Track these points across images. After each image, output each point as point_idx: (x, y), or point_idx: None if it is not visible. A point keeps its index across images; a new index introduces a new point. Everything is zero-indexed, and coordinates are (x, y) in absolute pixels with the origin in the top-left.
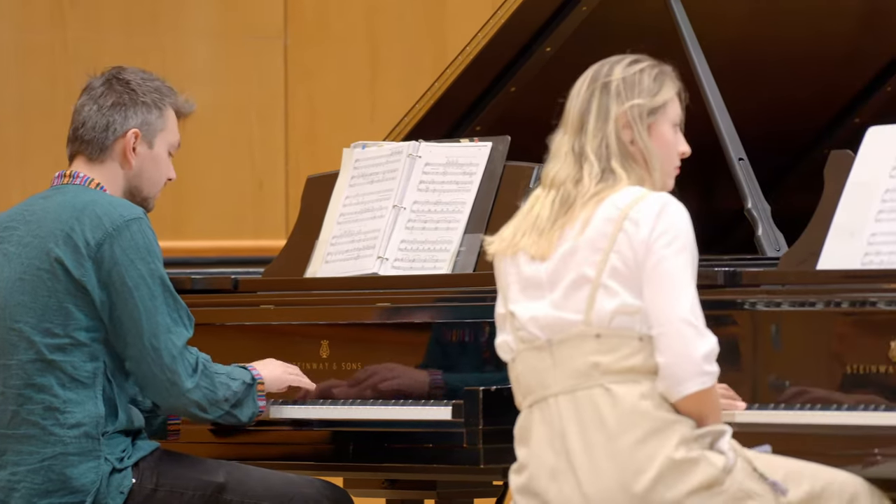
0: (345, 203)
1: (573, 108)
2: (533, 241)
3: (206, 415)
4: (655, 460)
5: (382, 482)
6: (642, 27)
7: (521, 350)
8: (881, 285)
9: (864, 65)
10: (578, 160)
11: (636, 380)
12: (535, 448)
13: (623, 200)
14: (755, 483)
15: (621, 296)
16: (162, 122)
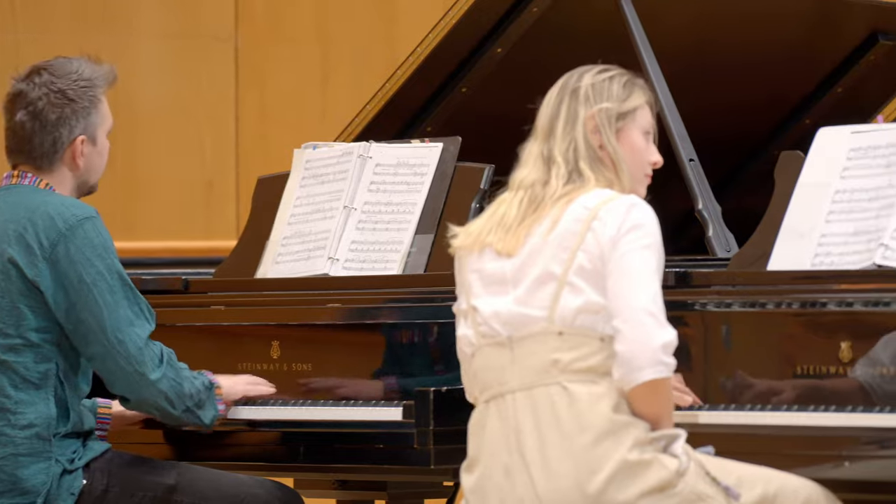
0: (295, 204)
1: (543, 115)
2: (499, 237)
3: (174, 410)
4: (609, 461)
5: (333, 483)
6: (593, 29)
7: (482, 345)
8: (831, 286)
9: (815, 66)
10: (547, 164)
11: (594, 380)
12: (489, 444)
13: (592, 201)
14: (708, 486)
15: (586, 293)
16: (100, 116)
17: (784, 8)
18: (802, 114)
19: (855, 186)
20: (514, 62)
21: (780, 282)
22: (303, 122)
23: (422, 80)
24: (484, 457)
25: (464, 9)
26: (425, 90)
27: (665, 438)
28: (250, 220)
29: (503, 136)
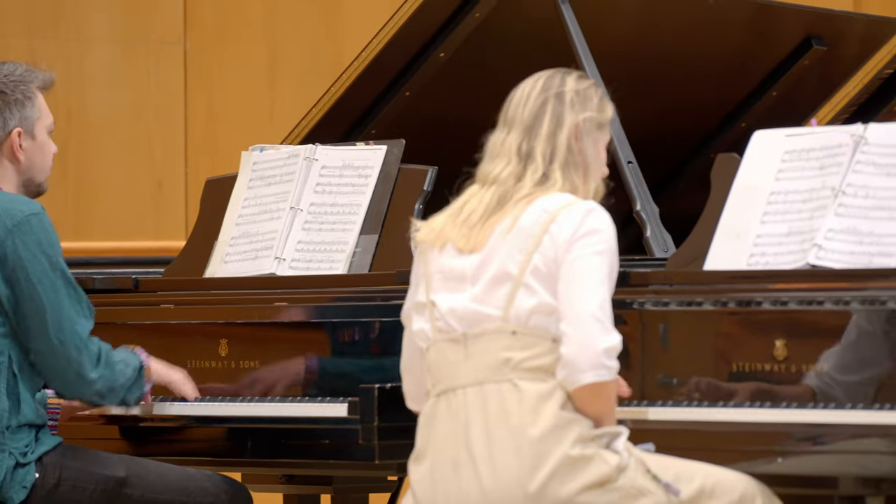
0: (243, 205)
1: (524, 111)
2: (462, 234)
3: (104, 401)
4: (552, 457)
5: (280, 477)
6: (534, 34)
7: (437, 340)
8: (766, 285)
9: (751, 71)
10: (524, 160)
11: (543, 379)
12: (437, 437)
13: (552, 204)
14: (648, 481)
15: (540, 295)
16: (36, 111)
17: (721, 14)
18: (738, 117)
19: (789, 188)
20: (457, 66)
21: (717, 281)
22: (251, 125)
23: (367, 84)
24: (432, 449)
25: (407, 14)
26: (370, 94)
27: (607, 435)
28: (199, 221)
29: (446, 138)
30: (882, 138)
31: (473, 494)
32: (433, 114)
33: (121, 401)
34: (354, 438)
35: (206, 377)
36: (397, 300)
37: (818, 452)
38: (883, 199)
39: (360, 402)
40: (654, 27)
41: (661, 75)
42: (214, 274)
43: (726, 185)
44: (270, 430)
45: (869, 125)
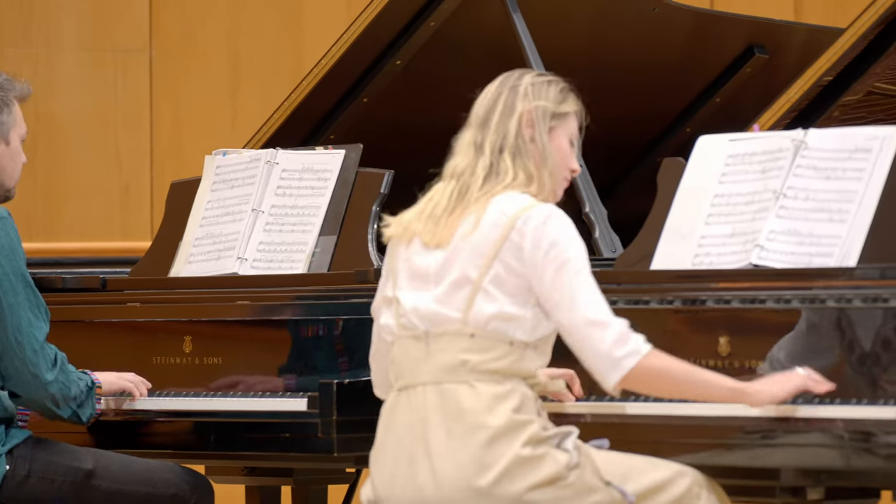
0: (207, 207)
1: (480, 106)
2: (428, 229)
3: (59, 410)
4: (504, 457)
5: (242, 469)
6: (487, 42)
7: (401, 336)
8: (710, 284)
9: (695, 78)
10: (477, 151)
11: (500, 381)
12: (396, 432)
13: (511, 208)
14: (598, 479)
15: (500, 302)
16: (12, 118)
17: (667, 24)
18: (683, 123)
19: (732, 191)
20: (413, 73)
21: (663, 280)
22: (214, 131)
23: (326, 91)
24: (391, 443)
25: (365, 23)
26: (329, 100)
27: (559, 436)
28: (164, 223)
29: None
30: (821, 143)
31: (428, 489)
32: (390, 119)
33: (73, 414)
34: (314, 432)
35: (170, 373)
36: (355, 298)
37: (761, 445)
38: (822, 202)
39: (320, 396)
40: (603, 36)
41: (610, 82)
42: (179, 274)
43: (672, 188)
44: (232, 424)
45: (809, 130)
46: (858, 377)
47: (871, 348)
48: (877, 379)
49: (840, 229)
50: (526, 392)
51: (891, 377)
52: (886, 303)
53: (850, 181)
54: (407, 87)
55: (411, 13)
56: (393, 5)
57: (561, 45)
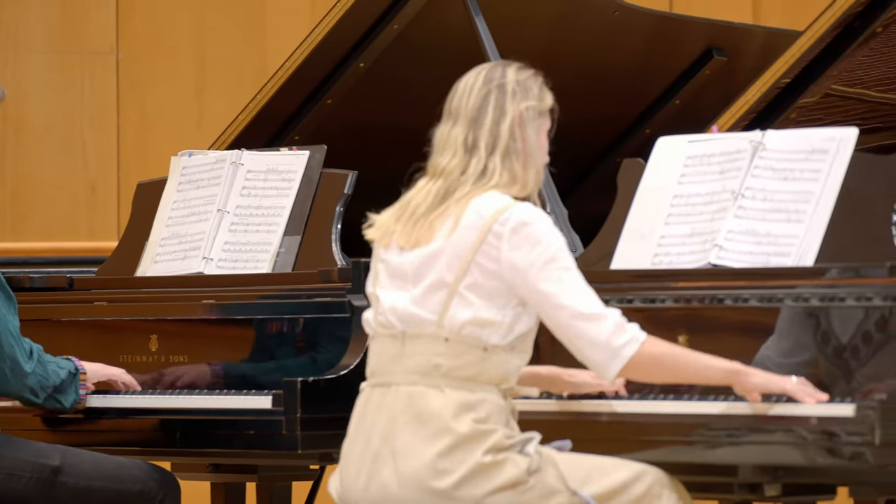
0: (173, 207)
1: (468, 103)
2: (406, 230)
3: (37, 399)
4: (465, 464)
5: (208, 466)
6: (449, 45)
7: (379, 333)
8: (669, 284)
9: (655, 80)
10: (470, 152)
11: (471, 389)
12: (366, 427)
13: (487, 209)
14: (560, 483)
15: (475, 307)
16: None
17: (627, 27)
18: (643, 124)
19: (691, 191)
20: (376, 76)
21: (623, 280)
22: (180, 132)
23: (290, 93)
24: (361, 438)
25: (329, 26)
26: (293, 102)
27: (521, 442)
28: (131, 222)
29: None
30: (779, 144)
31: (391, 488)
32: (353, 121)
33: (56, 403)
34: (278, 429)
35: (137, 371)
36: (319, 298)
37: (720, 443)
38: (779, 202)
39: (284, 394)
40: (564, 39)
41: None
42: (145, 273)
43: (632, 188)
44: (198, 422)
45: (767, 132)
46: (813, 376)
47: (829, 347)
48: (831, 377)
49: (797, 229)
50: (496, 402)
51: (844, 375)
52: (843, 302)
53: (808, 182)
54: (370, 89)
55: (374, 16)
56: (356, 8)
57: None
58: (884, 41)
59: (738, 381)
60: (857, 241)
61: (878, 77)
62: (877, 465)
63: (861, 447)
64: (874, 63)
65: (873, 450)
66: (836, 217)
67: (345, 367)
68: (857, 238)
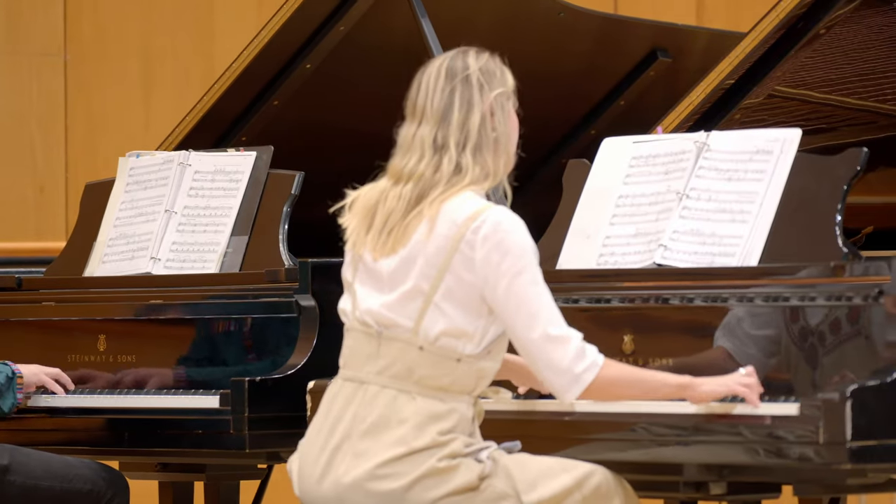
0: (120, 208)
1: (433, 102)
2: (382, 240)
3: None
4: (421, 467)
5: (156, 465)
6: (396, 46)
7: (355, 327)
8: (615, 284)
9: (600, 81)
10: (440, 151)
11: (442, 399)
12: (331, 420)
13: (460, 215)
14: (510, 488)
15: (450, 317)
16: None
17: (572, 28)
18: (588, 125)
19: (636, 192)
20: (323, 77)
21: (569, 280)
22: (128, 134)
23: (237, 94)
24: (324, 429)
25: (276, 27)
26: (241, 103)
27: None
28: (79, 223)
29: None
30: (724, 145)
31: (344, 483)
32: (301, 121)
33: None
34: (226, 428)
35: (86, 371)
36: (266, 298)
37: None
38: (724, 203)
39: (231, 394)
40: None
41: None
42: (93, 273)
43: (577, 189)
44: (146, 421)
45: (711, 133)
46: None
47: (771, 347)
48: (775, 376)
49: (742, 229)
50: (464, 412)
51: (788, 374)
52: (787, 301)
53: (752, 182)
54: (317, 90)
55: (321, 17)
56: (303, 10)
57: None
58: (827, 43)
59: (690, 394)
60: (801, 242)
61: (822, 78)
62: (821, 463)
63: (805, 446)
64: (817, 64)
65: (817, 448)
66: (781, 217)
67: (292, 366)
68: (801, 238)
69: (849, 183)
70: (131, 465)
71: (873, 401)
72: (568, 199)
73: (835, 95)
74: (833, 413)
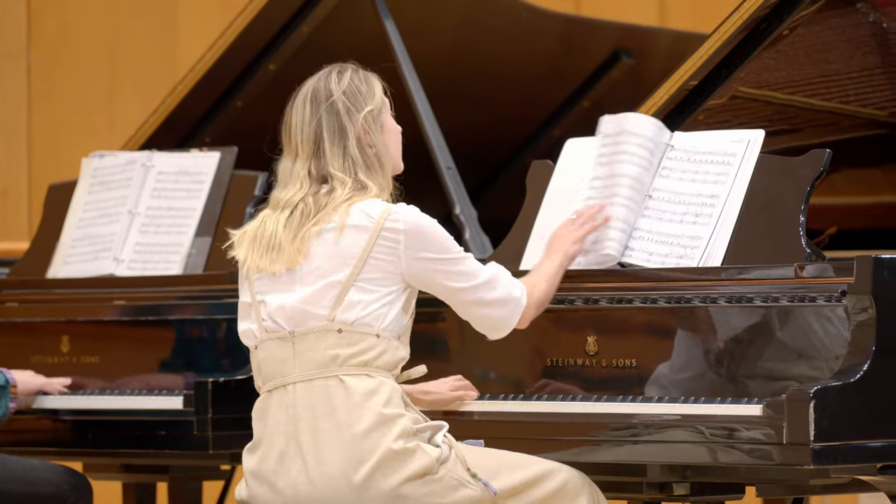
0: (84, 209)
1: (302, 134)
2: (271, 259)
3: None
4: (376, 451)
5: (119, 466)
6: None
7: (265, 339)
8: (578, 284)
9: (563, 82)
10: (318, 182)
11: (370, 374)
12: (270, 431)
13: (374, 210)
14: (468, 474)
15: (367, 301)
16: None
17: (535, 29)
18: (552, 126)
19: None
20: (286, 78)
21: None
22: (92, 134)
23: (201, 95)
24: (265, 442)
25: (239, 29)
26: (204, 103)
27: (430, 429)
28: (42, 224)
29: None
30: (687, 146)
31: (301, 485)
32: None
33: None
34: (189, 429)
35: (48, 372)
36: (230, 298)
37: (628, 442)
38: (688, 203)
39: (195, 394)
40: (474, 41)
41: (480, 86)
42: (56, 274)
43: (541, 189)
44: (110, 422)
45: (675, 133)
46: (721, 375)
47: (734, 347)
48: (738, 377)
49: (705, 230)
50: (393, 386)
51: (751, 375)
52: (751, 302)
53: (715, 183)
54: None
55: (285, 18)
56: (267, 11)
57: (433, 49)
58: (790, 44)
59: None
60: (764, 242)
61: (785, 79)
62: (784, 464)
63: (768, 446)
64: (781, 65)
65: (780, 449)
66: (744, 218)
67: None
68: (764, 239)
69: (812, 184)
70: (95, 467)
71: (836, 401)
72: (531, 200)
73: (798, 96)
74: (796, 414)
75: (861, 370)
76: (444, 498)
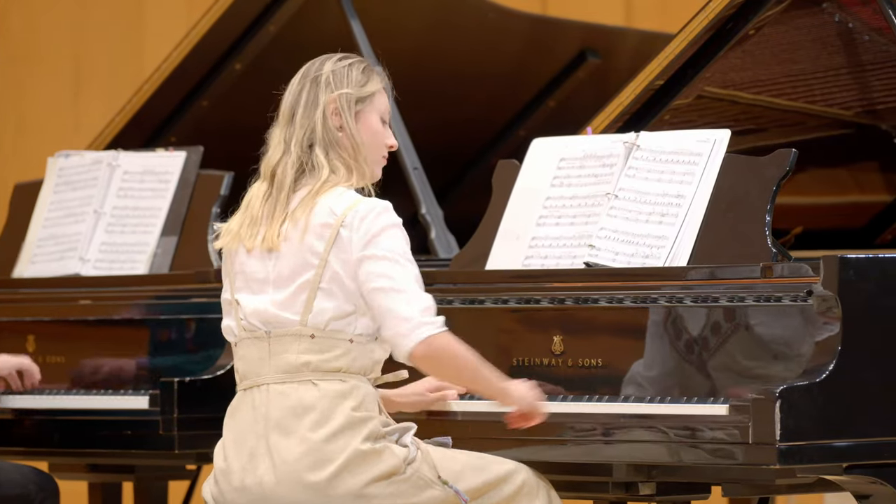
0: (49, 208)
1: (286, 102)
2: (251, 234)
3: None
4: (344, 452)
5: (85, 466)
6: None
7: (243, 337)
8: (544, 284)
9: (529, 82)
10: (291, 149)
11: (343, 379)
12: (240, 429)
13: (340, 206)
14: (434, 476)
15: (338, 301)
16: None
17: (502, 28)
18: (518, 125)
19: (565, 193)
20: (252, 77)
21: (498, 280)
22: (57, 134)
23: (167, 94)
24: (234, 440)
25: (205, 28)
26: (170, 103)
27: (398, 431)
28: (8, 224)
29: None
30: (653, 145)
31: (268, 484)
32: (230, 122)
33: None
34: (155, 429)
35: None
36: (196, 298)
37: (593, 441)
38: (653, 203)
39: (161, 394)
40: (440, 41)
41: (446, 86)
42: (22, 274)
43: (507, 189)
44: (75, 422)
45: (641, 133)
46: (687, 375)
47: (699, 347)
48: (704, 377)
49: (671, 230)
50: (367, 390)
51: (717, 375)
52: (716, 303)
53: (681, 183)
54: (247, 91)
55: (251, 18)
56: (233, 10)
57: (399, 48)
58: (756, 43)
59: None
60: (730, 242)
61: (751, 79)
62: (750, 463)
63: (734, 446)
64: (747, 65)
65: (746, 449)
66: (710, 218)
67: (221, 367)
68: (730, 239)
69: (778, 184)
70: (61, 466)
71: (802, 401)
72: (497, 200)
73: (764, 96)
74: (762, 413)
75: (827, 370)
76: (410, 498)
